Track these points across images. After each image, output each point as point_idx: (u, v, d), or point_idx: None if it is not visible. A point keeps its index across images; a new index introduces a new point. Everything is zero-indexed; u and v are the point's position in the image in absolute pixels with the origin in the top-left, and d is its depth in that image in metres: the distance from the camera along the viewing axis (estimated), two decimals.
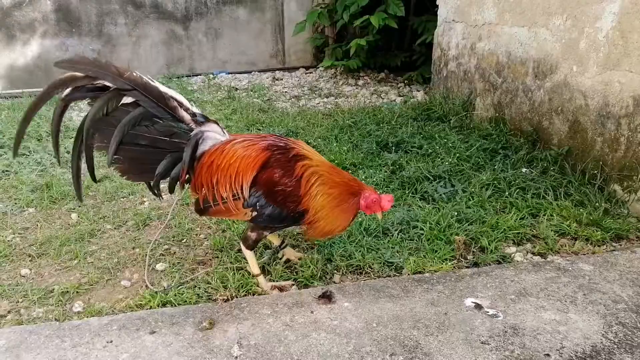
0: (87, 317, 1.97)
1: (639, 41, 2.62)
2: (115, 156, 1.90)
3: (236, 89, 5.93)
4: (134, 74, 1.87)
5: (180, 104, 1.95)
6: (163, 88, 1.92)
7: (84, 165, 2.00)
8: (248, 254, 2.11)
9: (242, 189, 1.92)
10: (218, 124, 2.03)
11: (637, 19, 2.62)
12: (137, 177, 2.05)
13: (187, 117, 1.95)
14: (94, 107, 1.86)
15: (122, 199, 3.04)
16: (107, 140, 1.88)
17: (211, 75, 6.69)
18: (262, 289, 2.11)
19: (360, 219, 2.62)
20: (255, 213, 1.96)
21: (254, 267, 2.13)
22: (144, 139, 1.91)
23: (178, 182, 1.99)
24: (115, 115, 1.88)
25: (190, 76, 6.68)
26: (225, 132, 2.05)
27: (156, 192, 2.05)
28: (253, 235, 2.06)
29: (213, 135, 2.00)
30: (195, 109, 2.00)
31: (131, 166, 1.96)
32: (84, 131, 1.89)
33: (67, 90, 1.85)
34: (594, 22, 2.90)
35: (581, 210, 2.72)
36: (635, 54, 2.65)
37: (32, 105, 1.87)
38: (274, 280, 2.19)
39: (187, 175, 1.99)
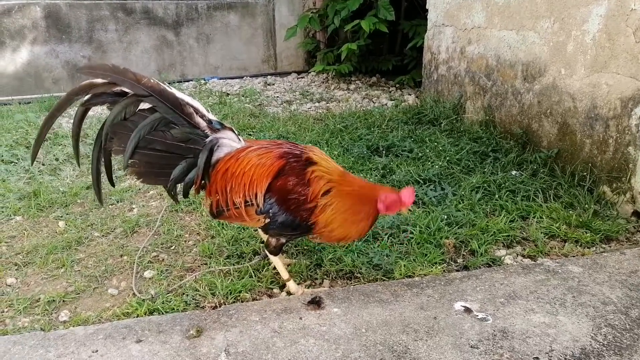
0: (73, 326, 1.94)
1: (626, 43, 2.63)
2: (131, 160, 1.92)
3: (227, 94, 5.92)
4: (152, 80, 1.89)
5: (197, 111, 1.95)
6: (180, 94, 1.93)
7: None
8: (274, 259, 2.10)
9: (256, 197, 1.92)
10: (233, 131, 2.03)
11: (624, 21, 2.64)
12: (153, 181, 2.09)
13: (202, 123, 1.95)
14: (113, 112, 1.88)
15: (110, 206, 3.01)
16: (125, 145, 1.89)
17: (203, 81, 6.68)
18: (293, 293, 2.10)
19: None
20: (268, 220, 1.95)
21: (282, 272, 2.11)
22: (160, 144, 1.92)
23: (193, 188, 2.00)
24: (133, 120, 1.89)
25: (181, 82, 6.67)
26: (241, 139, 2.05)
27: (173, 194, 2.05)
28: (273, 241, 2.04)
29: (228, 142, 1.99)
30: (211, 116, 2.00)
31: (147, 170, 1.97)
32: (103, 135, 1.91)
33: (87, 96, 1.88)
34: (581, 24, 2.92)
35: (571, 212, 2.73)
36: (622, 56, 2.66)
37: (51, 113, 1.88)
38: (263, 286, 2.18)
39: (203, 182, 1.99)
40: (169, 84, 6.30)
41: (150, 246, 2.55)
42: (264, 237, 2.13)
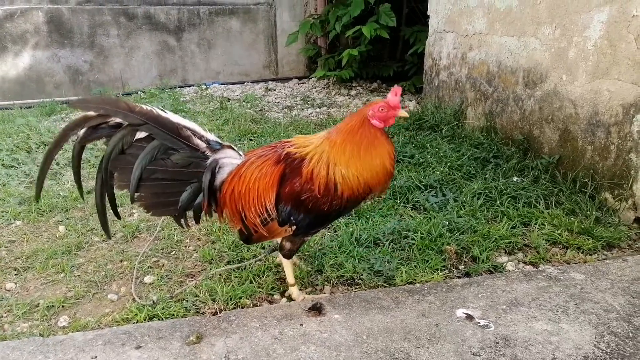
0: (72, 332, 1.94)
1: (627, 50, 2.63)
2: (137, 194, 1.87)
3: (229, 100, 5.93)
4: (145, 107, 1.84)
5: (194, 133, 1.90)
6: (175, 118, 1.88)
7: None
8: (285, 262, 2.07)
9: (267, 211, 1.87)
10: (233, 148, 1.98)
11: (625, 28, 2.64)
12: (162, 212, 2.00)
13: (202, 144, 1.91)
14: (110, 145, 1.82)
15: (110, 211, 3.00)
16: (128, 179, 1.84)
17: (204, 86, 6.69)
18: (295, 298, 2.09)
19: (350, 230, 2.60)
20: (294, 227, 1.91)
21: (289, 276, 2.08)
22: (163, 172, 1.87)
23: (203, 212, 1.95)
24: (132, 153, 1.85)
25: (182, 87, 6.68)
26: (241, 153, 2.00)
27: (183, 223, 1.99)
28: (287, 244, 2.00)
29: (229, 161, 1.95)
30: (210, 136, 1.95)
31: (154, 201, 1.92)
32: (103, 171, 1.86)
33: (82, 132, 1.83)
34: (583, 31, 2.92)
35: (572, 218, 2.72)
36: (624, 63, 2.66)
37: (49, 151, 1.85)
38: (263, 292, 2.17)
39: (212, 206, 1.95)
40: (170, 89, 6.22)
41: (151, 251, 2.54)
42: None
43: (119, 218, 2.08)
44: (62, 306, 2.12)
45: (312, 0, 7.20)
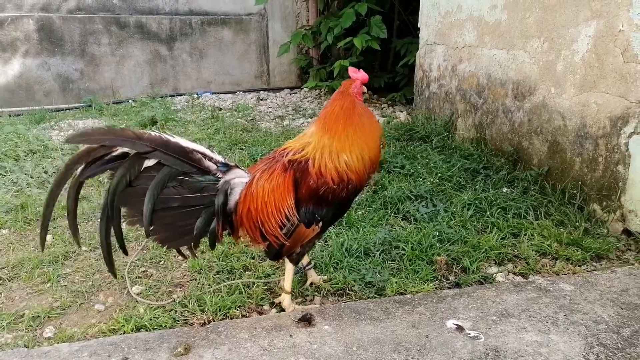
0: (58, 342, 1.90)
1: (614, 63, 2.67)
2: (151, 227, 1.79)
3: (220, 109, 5.92)
4: (153, 133, 1.78)
5: (204, 155, 1.87)
6: (184, 142, 1.84)
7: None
8: (289, 268, 2.05)
9: (288, 220, 1.87)
10: (239, 167, 1.95)
11: (612, 42, 2.68)
12: (177, 243, 1.92)
13: (212, 166, 1.87)
14: (116, 177, 1.73)
15: (99, 220, 2.96)
16: (138, 212, 1.76)
17: (195, 95, 6.68)
18: (285, 308, 2.07)
19: (341, 240, 2.60)
20: (321, 223, 1.93)
21: (288, 282, 2.06)
22: (175, 200, 1.81)
23: (217, 237, 1.91)
24: (139, 184, 1.76)
25: (174, 96, 6.66)
26: (247, 172, 1.97)
27: (193, 252, 1.94)
28: (297, 249, 1.99)
29: (239, 181, 1.92)
30: (218, 157, 1.91)
31: (169, 233, 1.86)
32: (109, 206, 1.77)
33: (82, 167, 1.73)
34: (570, 44, 2.96)
35: (561, 230, 2.73)
36: (611, 76, 2.70)
37: (52, 189, 1.74)
38: (253, 303, 2.15)
39: (226, 230, 1.93)
40: (162, 97, 6.16)
41: (139, 261, 2.51)
42: None
43: (127, 254, 1.98)
44: (48, 316, 2.09)
45: (304, 12, 7.26)
